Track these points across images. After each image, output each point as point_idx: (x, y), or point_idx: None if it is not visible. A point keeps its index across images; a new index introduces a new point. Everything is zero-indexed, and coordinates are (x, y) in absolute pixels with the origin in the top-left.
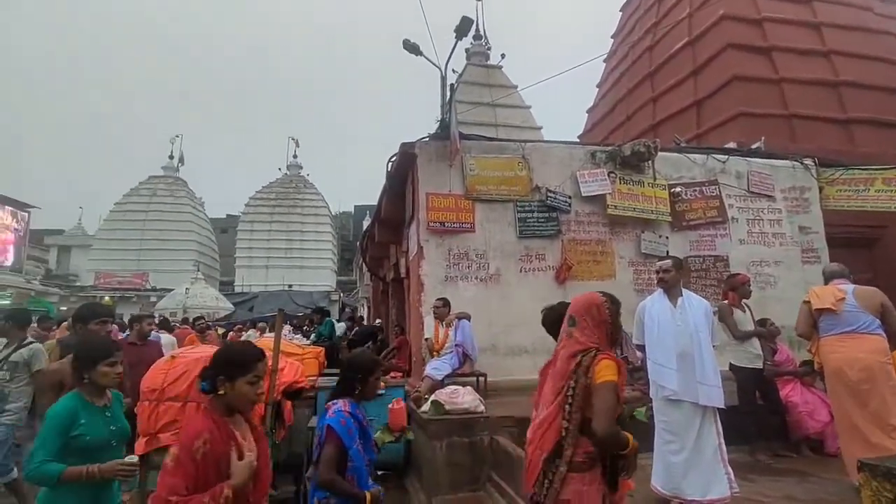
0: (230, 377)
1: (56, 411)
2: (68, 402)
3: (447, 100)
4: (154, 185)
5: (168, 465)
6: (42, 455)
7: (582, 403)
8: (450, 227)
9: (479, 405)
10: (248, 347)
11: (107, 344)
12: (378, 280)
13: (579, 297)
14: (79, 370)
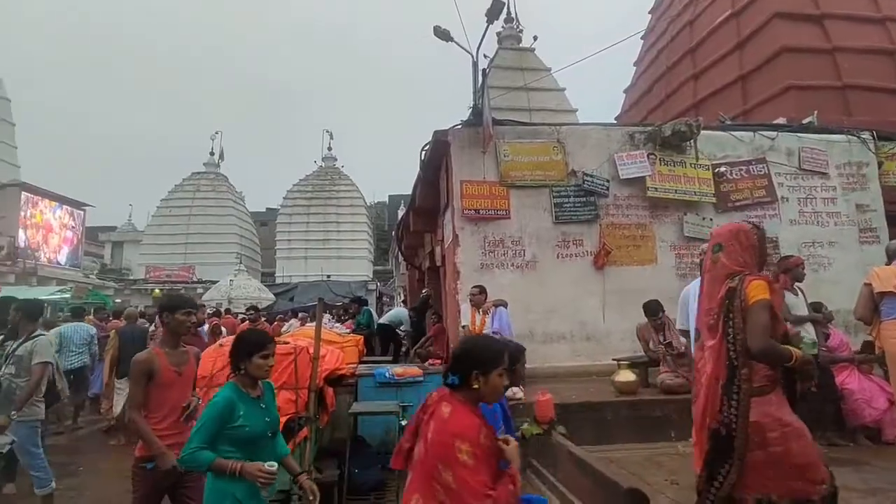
0: (484, 371)
1: (216, 401)
2: (227, 392)
3: (479, 86)
4: (197, 181)
5: (468, 464)
6: (198, 441)
7: (742, 326)
8: (485, 214)
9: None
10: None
11: (262, 336)
12: (414, 269)
13: (724, 226)
14: (235, 362)
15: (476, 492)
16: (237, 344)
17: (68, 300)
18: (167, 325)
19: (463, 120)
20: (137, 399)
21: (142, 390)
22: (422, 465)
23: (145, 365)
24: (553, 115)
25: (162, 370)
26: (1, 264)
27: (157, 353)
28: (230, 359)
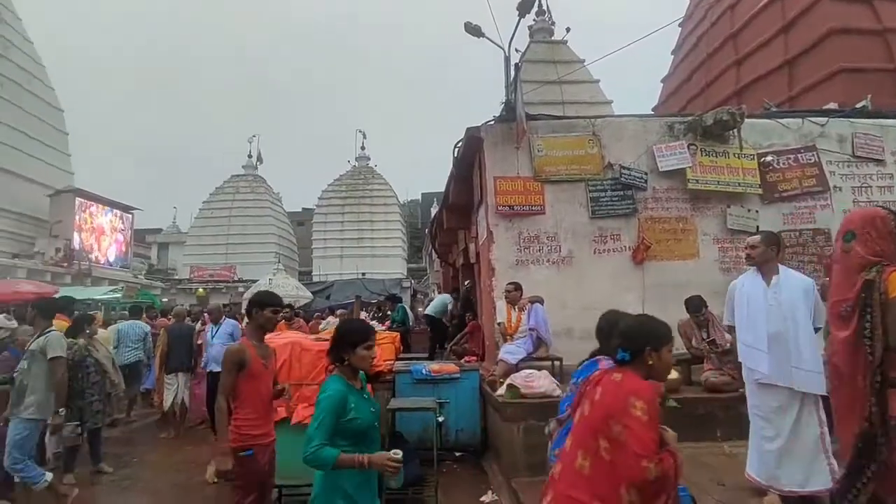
0: (657, 347)
1: (330, 394)
2: (338, 384)
3: (512, 81)
4: (236, 183)
5: (643, 419)
6: (319, 438)
7: (881, 320)
8: (519, 210)
9: (555, 389)
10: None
11: (365, 328)
12: (448, 266)
13: (857, 212)
14: (338, 353)
15: (645, 445)
16: (340, 335)
17: (120, 299)
18: (255, 321)
19: (496, 116)
20: (227, 387)
21: (232, 379)
22: (586, 422)
23: (237, 355)
24: (587, 107)
25: (252, 361)
26: (58, 266)
27: (248, 346)
28: (332, 350)
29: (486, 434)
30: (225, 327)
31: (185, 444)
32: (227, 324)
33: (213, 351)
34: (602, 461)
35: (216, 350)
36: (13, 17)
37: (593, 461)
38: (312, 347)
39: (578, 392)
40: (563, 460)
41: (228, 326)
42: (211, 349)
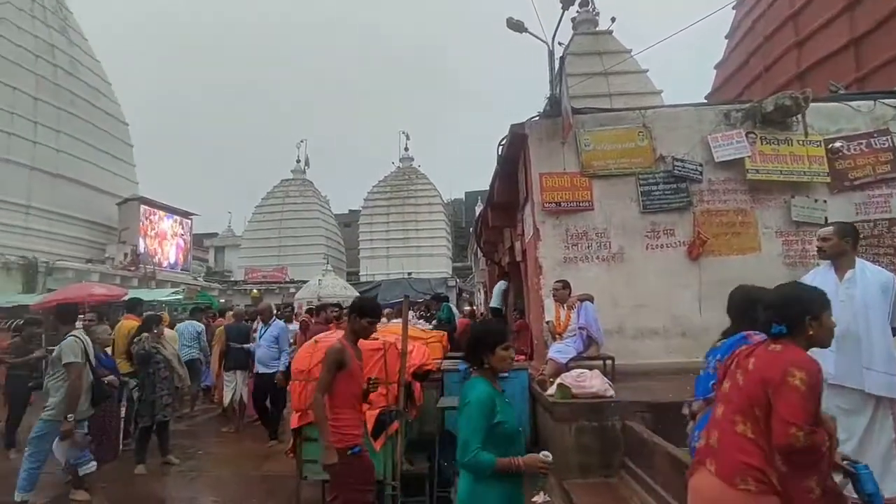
0: (817, 315)
1: (480, 397)
2: (485, 386)
3: (556, 74)
4: (286, 187)
5: (801, 389)
6: (476, 443)
7: None
8: (566, 206)
9: (607, 389)
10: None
11: (502, 329)
12: (494, 264)
13: None
14: (477, 355)
15: (796, 413)
16: (478, 338)
17: (181, 301)
18: (352, 325)
19: (540, 111)
20: (325, 384)
21: (332, 377)
22: (741, 392)
23: (339, 355)
24: (636, 98)
25: (351, 362)
26: (126, 269)
27: (346, 347)
28: (470, 354)
29: (535, 434)
30: (272, 330)
31: (244, 439)
32: (275, 326)
33: (259, 352)
34: (759, 428)
35: (262, 352)
36: (80, 37)
37: (754, 427)
38: (363, 346)
39: (723, 366)
40: (719, 428)
41: (275, 329)
42: (258, 350)
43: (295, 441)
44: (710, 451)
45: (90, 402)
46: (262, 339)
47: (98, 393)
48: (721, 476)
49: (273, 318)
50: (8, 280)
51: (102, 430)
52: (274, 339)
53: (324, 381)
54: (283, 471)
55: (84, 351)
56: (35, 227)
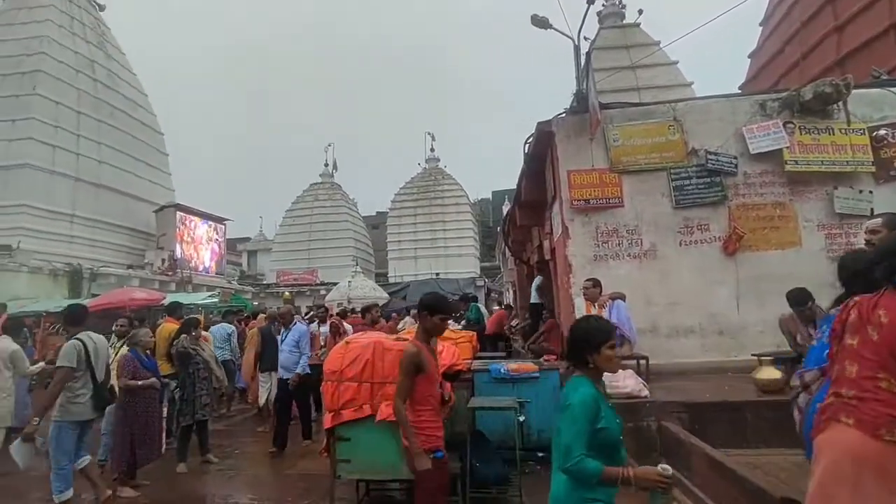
0: None
1: (584, 399)
2: (589, 388)
3: (582, 70)
4: (315, 191)
5: None
6: (579, 448)
7: None
8: (595, 203)
9: (642, 389)
10: None
11: (607, 326)
12: (522, 263)
13: None
14: (580, 355)
15: None
16: (581, 335)
17: (217, 304)
18: (423, 324)
19: (566, 108)
20: (406, 390)
21: (411, 382)
22: (876, 346)
23: (416, 358)
24: (665, 91)
25: (429, 363)
26: (164, 274)
27: (421, 348)
28: (572, 353)
29: None
30: (292, 334)
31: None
32: (295, 330)
33: (282, 357)
34: None
35: (284, 357)
36: (118, 52)
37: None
38: (393, 347)
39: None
40: (857, 385)
41: (296, 333)
42: (280, 355)
43: (328, 441)
44: (844, 407)
45: (93, 407)
46: (284, 344)
47: (99, 398)
48: (863, 429)
49: (294, 322)
50: (55, 286)
51: (146, 430)
52: (295, 344)
53: (404, 387)
54: (317, 470)
55: (85, 355)
56: (79, 235)
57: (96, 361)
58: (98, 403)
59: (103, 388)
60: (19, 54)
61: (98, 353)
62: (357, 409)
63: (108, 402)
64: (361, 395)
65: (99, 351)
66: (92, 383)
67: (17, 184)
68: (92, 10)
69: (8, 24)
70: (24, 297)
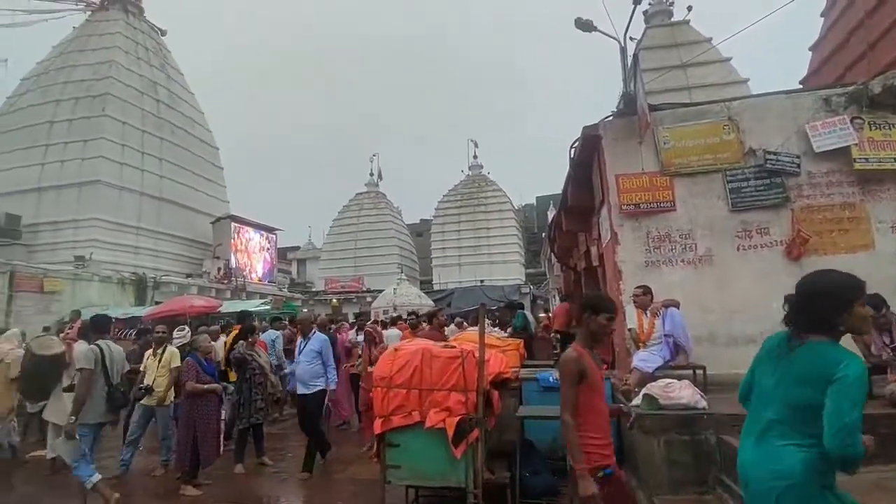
0: None
1: (862, 375)
2: (860, 360)
3: (629, 72)
4: (360, 200)
5: None
6: (860, 433)
7: None
8: (646, 208)
9: (699, 400)
10: None
11: (856, 280)
12: (569, 270)
13: None
14: (828, 317)
15: None
16: (829, 290)
17: (269, 311)
18: (586, 326)
19: (613, 110)
20: (570, 401)
21: (574, 391)
22: None
23: (577, 364)
24: (719, 89)
25: (591, 371)
26: (220, 282)
27: (582, 353)
28: (809, 313)
29: (620, 446)
30: (312, 343)
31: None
32: (316, 339)
33: (299, 370)
34: None
35: (301, 369)
36: (177, 73)
37: None
38: (441, 354)
39: None
40: None
41: (316, 342)
42: (297, 367)
43: (378, 446)
44: None
45: (107, 409)
46: (302, 355)
47: (113, 400)
48: None
49: (313, 331)
50: (123, 294)
51: (206, 432)
52: (316, 354)
53: (567, 398)
54: (368, 475)
55: (101, 360)
56: (144, 246)
57: (111, 366)
58: (112, 406)
59: (117, 391)
60: (90, 79)
61: (113, 359)
62: (406, 416)
63: (122, 404)
64: (410, 402)
65: (114, 357)
66: (106, 386)
67: (89, 199)
68: (154, 35)
69: (80, 51)
70: (96, 304)
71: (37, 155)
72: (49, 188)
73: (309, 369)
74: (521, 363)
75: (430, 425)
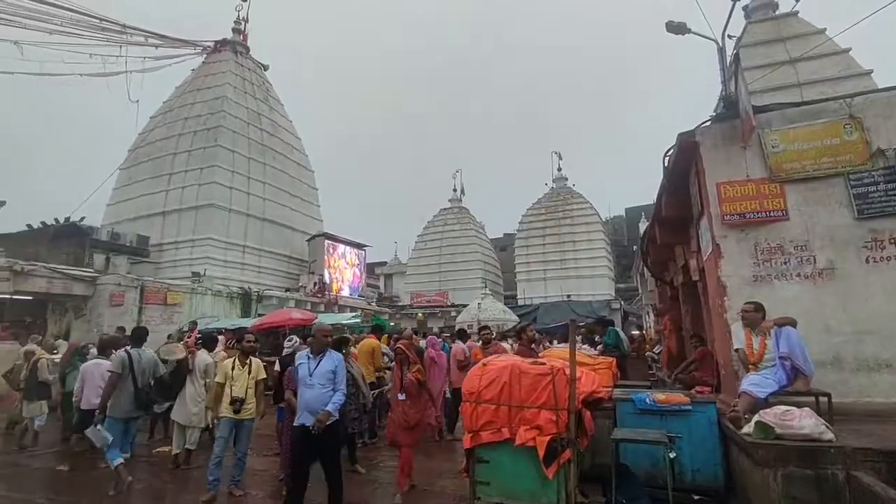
0: None
1: None
2: None
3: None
4: (444, 216)
5: None
6: None
7: None
8: (752, 217)
9: (825, 431)
10: None
11: None
12: (664, 285)
13: None
14: None
15: None
16: None
17: (359, 324)
18: None
19: (712, 115)
20: None
21: None
22: None
23: None
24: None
25: None
26: (314, 296)
27: None
28: None
29: (729, 478)
30: (326, 363)
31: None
32: (330, 358)
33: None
34: None
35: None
36: (277, 103)
37: None
38: (531, 371)
39: None
40: None
41: (331, 362)
42: (306, 392)
43: (468, 462)
44: None
45: (134, 406)
46: (314, 376)
47: (139, 398)
48: None
49: (327, 349)
50: (231, 307)
51: None
52: (331, 377)
53: None
54: (456, 490)
55: (130, 366)
56: (249, 263)
57: (139, 370)
58: (138, 404)
59: (142, 392)
60: (206, 113)
61: (141, 364)
62: (495, 432)
63: (149, 403)
64: (499, 418)
65: (143, 362)
66: (133, 387)
67: (204, 221)
68: (258, 71)
69: (197, 90)
70: (209, 315)
71: (162, 183)
72: (172, 212)
73: (323, 395)
74: (615, 383)
75: (520, 443)
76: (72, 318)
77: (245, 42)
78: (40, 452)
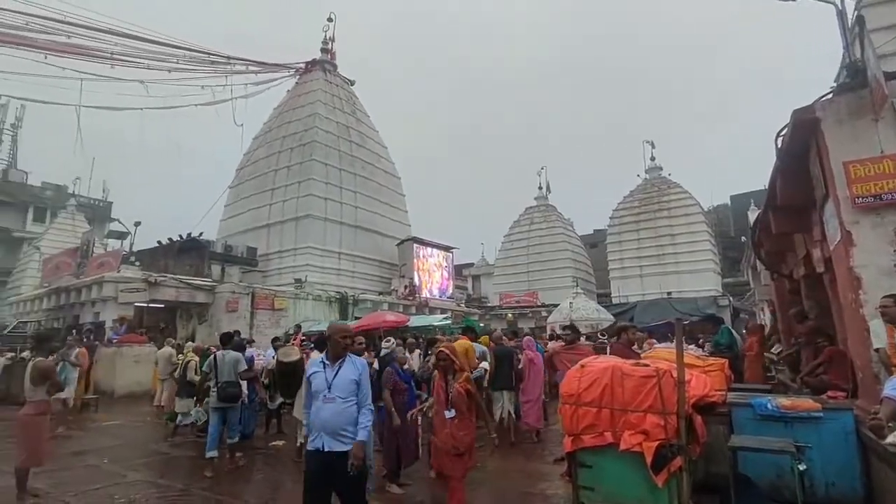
0: None
1: None
2: None
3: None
4: (530, 214)
5: None
6: None
7: None
8: (890, 199)
9: None
10: None
11: None
12: (782, 278)
13: None
14: None
15: None
16: None
17: (450, 325)
18: None
19: (833, 86)
20: None
21: None
22: None
23: None
24: None
25: None
26: (405, 299)
27: None
28: None
29: (870, 492)
30: (348, 370)
31: (517, 455)
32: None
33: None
34: None
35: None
36: (364, 115)
37: None
38: (634, 373)
39: None
40: None
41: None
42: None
43: (570, 465)
44: None
45: (218, 399)
46: (333, 389)
47: (223, 392)
48: None
49: (346, 354)
50: (330, 310)
51: (406, 437)
52: (354, 388)
53: None
54: (557, 493)
55: (214, 365)
56: (344, 269)
57: (222, 368)
58: (222, 397)
59: (224, 388)
60: (301, 131)
61: (224, 364)
62: (597, 436)
63: (232, 397)
64: (602, 422)
65: (225, 362)
66: (216, 383)
67: (303, 231)
68: (346, 87)
69: (292, 109)
70: (310, 318)
71: (266, 198)
72: (275, 224)
73: (346, 412)
74: (729, 386)
75: (625, 448)
76: (196, 323)
77: (333, 60)
78: (186, 442)
